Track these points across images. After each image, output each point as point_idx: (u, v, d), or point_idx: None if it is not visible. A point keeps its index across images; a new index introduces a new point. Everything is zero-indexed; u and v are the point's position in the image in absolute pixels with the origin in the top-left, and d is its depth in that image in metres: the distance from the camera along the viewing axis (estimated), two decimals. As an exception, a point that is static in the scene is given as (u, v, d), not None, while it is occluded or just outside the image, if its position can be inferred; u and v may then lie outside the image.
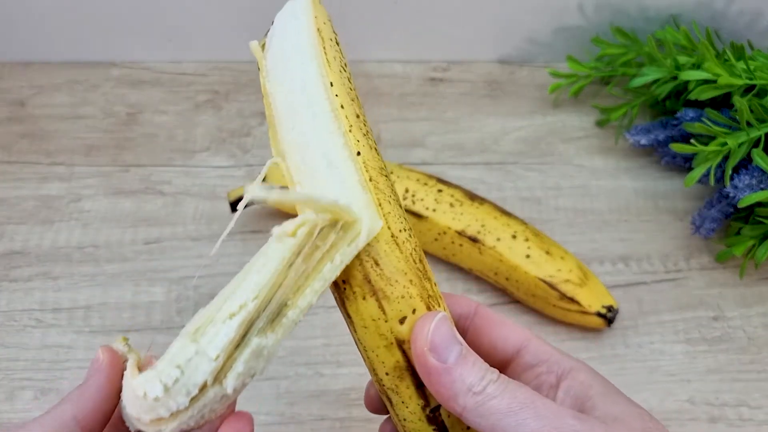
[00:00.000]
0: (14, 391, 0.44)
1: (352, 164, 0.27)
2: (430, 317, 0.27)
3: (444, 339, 0.26)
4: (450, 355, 0.26)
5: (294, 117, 0.28)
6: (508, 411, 0.25)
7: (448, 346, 0.26)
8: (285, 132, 0.28)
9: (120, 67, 0.62)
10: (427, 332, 0.26)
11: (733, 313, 0.49)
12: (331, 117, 0.28)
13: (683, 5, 0.58)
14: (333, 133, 0.27)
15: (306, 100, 0.28)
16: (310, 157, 0.27)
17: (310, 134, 0.27)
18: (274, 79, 0.29)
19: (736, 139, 0.46)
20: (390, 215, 0.28)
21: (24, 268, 0.50)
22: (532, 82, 0.62)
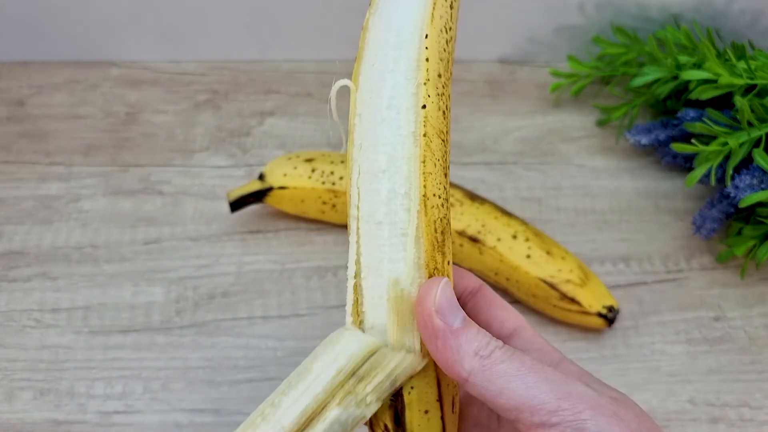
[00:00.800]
0: (13, 391, 0.44)
1: (413, 115, 0.27)
2: (437, 281, 0.26)
3: (450, 303, 0.26)
4: (455, 319, 0.26)
5: (378, 54, 0.28)
6: (517, 374, 0.25)
7: (453, 311, 0.26)
8: (366, 65, 0.29)
9: (119, 66, 0.62)
10: (434, 295, 0.26)
11: (734, 313, 0.49)
12: (412, 65, 0.28)
13: (684, 5, 0.58)
14: (407, 80, 0.28)
15: (396, 42, 0.28)
16: (377, 94, 0.28)
17: (387, 74, 0.28)
18: (377, 15, 0.29)
19: (737, 138, 0.46)
20: (430, 176, 0.27)
21: (23, 269, 0.50)
22: (532, 82, 0.62)
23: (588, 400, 0.24)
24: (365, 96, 0.28)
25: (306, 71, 0.63)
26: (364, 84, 0.29)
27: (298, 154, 0.51)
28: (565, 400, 0.24)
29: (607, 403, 0.25)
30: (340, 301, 0.49)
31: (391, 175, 0.27)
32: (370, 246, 0.28)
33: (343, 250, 0.51)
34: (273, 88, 0.61)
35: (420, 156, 0.27)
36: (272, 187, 0.50)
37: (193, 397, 0.44)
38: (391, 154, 0.27)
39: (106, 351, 0.46)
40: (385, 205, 0.27)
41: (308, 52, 0.63)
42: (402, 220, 0.27)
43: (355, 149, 0.28)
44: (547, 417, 0.24)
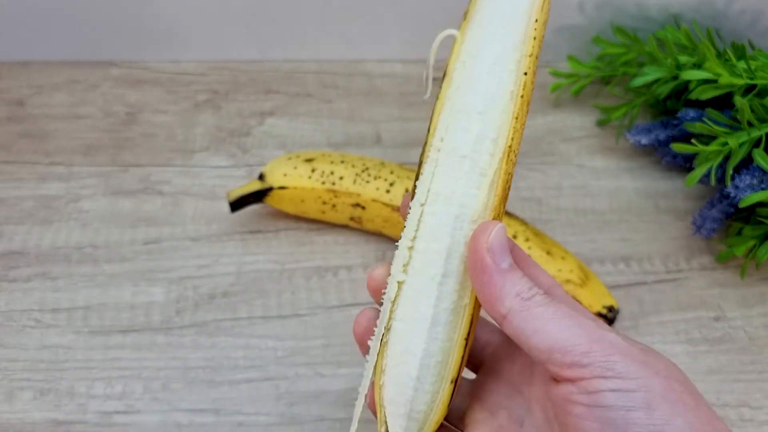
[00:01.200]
0: (13, 391, 0.44)
1: (515, 77, 0.30)
2: (493, 224, 0.28)
3: (501, 246, 0.27)
4: (503, 261, 0.27)
5: (494, 16, 0.30)
6: (552, 317, 0.26)
7: (503, 254, 0.27)
8: (477, 24, 0.31)
9: (119, 66, 0.62)
10: (488, 234, 0.27)
11: (734, 313, 0.49)
12: (521, 38, 0.30)
13: (684, 5, 0.58)
14: (516, 47, 0.30)
15: (510, 11, 0.30)
16: (486, 48, 0.30)
17: (499, 36, 0.30)
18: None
19: (737, 138, 0.46)
20: (517, 132, 0.30)
21: (23, 269, 0.50)
22: (532, 82, 0.62)
23: (619, 346, 0.25)
24: (473, 48, 0.30)
25: (306, 71, 0.63)
26: (473, 38, 0.30)
27: (298, 154, 0.51)
28: (597, 343, 0.25)
29: (638, 352, 0.26)
30: (340, 300, 0.49)
31: (485, 119, 0.29)
32: (446, 177, 0.29)
33: (343, 250, 0.51)
34: (273, 88, 0.61)
35: (514, 112, 0.29)
36: (272, 187, 0.50)
37: (193, 397, 0.44)
38: (489, 101, 0.29)
39: (106, 351, 0.46)
40: (472, 144, 0.29)
41: (308, 52, 0.63)
42: (484, 162, 0.29)
43: (452, 89, 0.30)
44: (579, 357, 0.25)
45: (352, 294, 0.49)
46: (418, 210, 0.29)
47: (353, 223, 0.51)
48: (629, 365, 0.25)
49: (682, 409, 0.24)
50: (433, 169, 0.30)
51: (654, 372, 0.25)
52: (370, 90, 0.61)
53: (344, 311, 0.48)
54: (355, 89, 0.61)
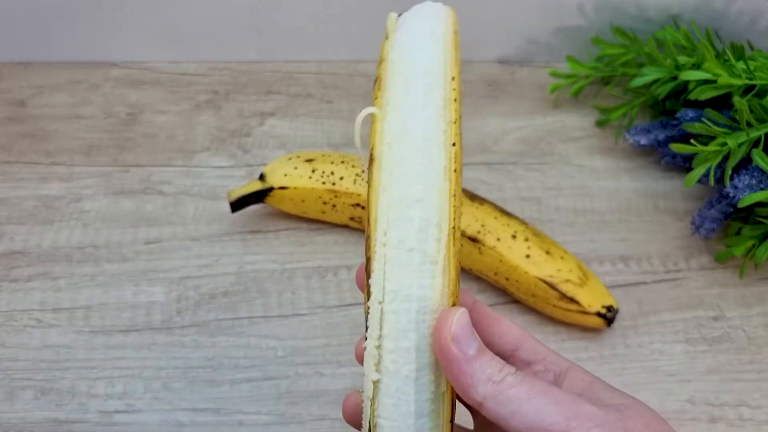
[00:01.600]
0: (14, 391, 0.44)
1: (445, 151, 0.29)
2: (453, 311, 0.28)
3: (465, 332, 0.27)
4: (470, 347, 0.27)
5: (410, 88, 0.30)
6: (527, 398, 0.26)
7: (468, 340, 0.27)
8: (395, 97, 0.30)
9: (120, 67, 0.62)
10: (450, 324, 0.27)
11: (733, 313, 0.49)
12: (443, 104, 0.30)
13: (683, 5, 0.58)
14: (440, 118, 0.29)
15: (426, 80, 0.30)
16: (410, 123, 0.29)
17: (420, 109, 0.29)
18: (399, 49, 0.31)
19: (736, 139, 0.46)
20: (457, 210, 0.29)
21: (24, 268, 0.50)
22: (532, 82, 0.62)
23: (596, 419, 0.25)
24: (395, 127, 0.30)
25: (306, 72, 0.63)
26: (394, 115, 0.30)
27: (299, 155, 0.51)
28: (573, 419, 0.25)
29: (615, 419, 0.26)
30: (341, 300, 0.49)
31: (425, 205, 0.28)
32: (398, 273, 0.29)
33: (343, 250, 0.51)
34: (273, 89, 0.62)
35: (451, 190, 0.29)
36: (273, 187, 0.50)
37: (193, 397, 0.44)
38: (425, 186, 0.29)
39: (107, 350, 0.46)
40: (417, 233, 0.28)
41: (309, 53, 0.63)
42: (432, 249, 0.28)
43: (384, 176, 0.29)
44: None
45: (353, 294, 0.49)
46: (377, 309, 0.29)
47: (353, 223, 0.51)
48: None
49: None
50: (383, 265, 0.29)
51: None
52: (370, 90, 0.61)
53: (344, 311, 0.48)
54: (356, 90, 0.61)
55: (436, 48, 0.31)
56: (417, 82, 0.30)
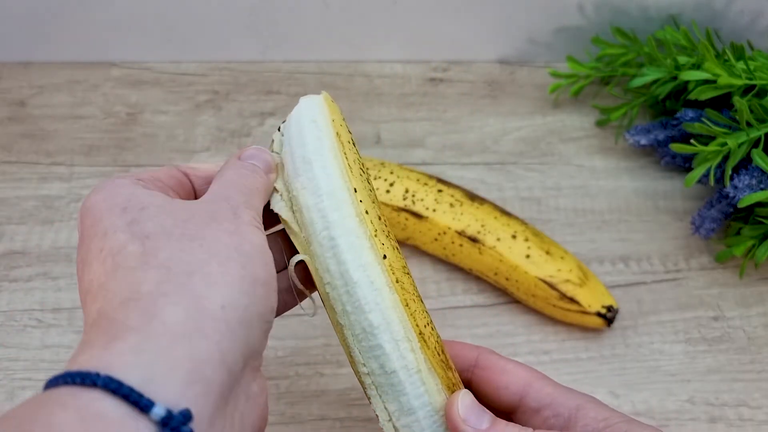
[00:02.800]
0: (14, 390, 0.44)
1: (379, 267, 0.30)
2: (456, 396, 0.30)
3: (473, 410, 0.30)
4: (482, 422, 0.29)
5: (321, 221, 0.30)
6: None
7: (478, 415, 0.30)
8: (315, 235, 0.30)
9: (120, 67, 0.62)
10: (456, 408, 0.29)
11: (732, 313, 0.49)
12: (357, 222, 0.30)
13: (683, 5, 0.58)
14: (360, 238, 0.30)
15: (333, 205, 0.30)
16: (338, 260, 0.30)
17: (339, 239, 0.30)
18: (303, 188, 0.31)
19: (736, 139, 0.46)
20: (416, 313, 0.31)
21: (24, 268, 0.50)
22: (532, 82, 0.62)
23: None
24: (326, 264, 0.30)
25: (306, 72, 0.63)
26: (320, 252, 0.31)
27: (299, 155, 0.51)
28: None
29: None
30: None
31: (385, 327, 0.30)
32: (391, 393, 0.30)
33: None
34: (273, 89, 0.62)
35: (402, 300, 0.30)
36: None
37: (193, 397, 0.44)
38: (379, 311, 0.30)
39: (107, 350, 0.46)
40: (392, 355, 0.30)
41: (308, 53, 0.63)
42: (412, 361, 0.30)
43: (338, 315, 0.31)
44: None
45: (352, 294, 0.49)
46: (390, 427, 0.31)
47: (353, 223, 0.51)
48: None
49: None
50: (377, 392, 0.31)
51: None
52: (370, 90, 0.61)
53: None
54: (355, 90, 0.61)
55: (327, 165, 0.31)
56: (327, 210, 0.30)
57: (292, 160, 0.32)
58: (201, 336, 0.23)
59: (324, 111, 0.33)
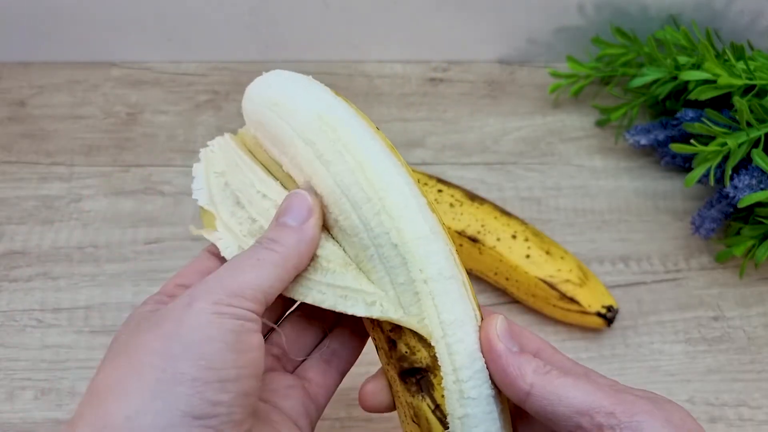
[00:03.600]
0: (14, 391, 0.44)
1: (417, 190, 0.32)
2: (494, 318, 0.30)
3: (509, 333, 0.30)
4: (514, 346, 0.29)
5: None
6: (574, 384, 0.28)
7: (511, 339, 0.30)
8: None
9: (120, 67, 0.62)
10: (495, 325, 0.30)
11: (732, 313, 0.49)
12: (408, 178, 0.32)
13: (683, 5, 0.58)
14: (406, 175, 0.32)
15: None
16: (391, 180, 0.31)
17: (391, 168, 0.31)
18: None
19: (736, 139, 0.46)
20: (450, 236, 0.32)
21: (24, 268, 0.50)
22: (532, 82, 0.62)
23: (642, 406, 0.27)
24: (359, 185, 0.31)
25: (306, 71, 0.63)
26: (346, 179, 0.31)
27: (299, 155, 0.51)
28: (620, 405, 0.27)
29: (656, 409, 0.27)
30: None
31: (437, 236, 0.31)
32: (446, 301, 0.30)
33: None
34: (273, 89, 0.61)
35: (439, 220, 0.31)
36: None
37: (193, 397, 0.44)
38: (429, 224, 0.31)
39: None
40: (446, 261, 0.31)
41: (308, 53, 0.63)
42: (460, 272, 0.31)
43: (374, 234, 0.31)
44: (605, 419, 0.26)
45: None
46: (443, 345, 0.30)
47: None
48: (654, 424, 0.26)
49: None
50: (433, 300, 0.30)
51: (675, 429, 0.26)
52: (370, 90, 0.61)
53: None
54: (355, 90, 0.61)
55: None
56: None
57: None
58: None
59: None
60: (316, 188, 0.31)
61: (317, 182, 0.31)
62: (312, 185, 0.31)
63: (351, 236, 0.30)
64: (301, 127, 0.31)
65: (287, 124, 0.32)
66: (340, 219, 0.31)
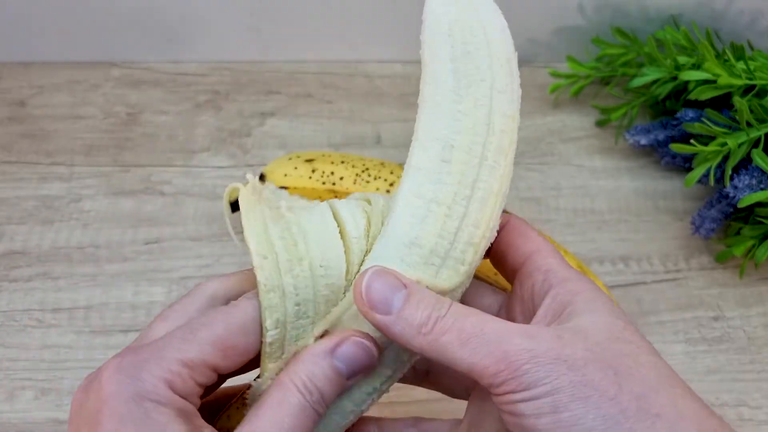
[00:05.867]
0: (14, 391, 0.44)
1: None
2: (362, 276, 0.27)
3: (381, 292, 0.27)
4: (393, 304, 0.27)
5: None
6: (459, 343, 0.26)
7: (388, 298, 0.27)
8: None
9: (120, 67, 0.62)
10: (361, 295, 0.27)
11: (732, 313, 0.49)
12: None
13: (683, 5, 0.58)
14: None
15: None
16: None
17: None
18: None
19: (736, 139, 0.46)
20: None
21: (24, 268, 0.50)
22: (532, 82, 0.62)
23: (523, 355, 0.25)
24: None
25: (306, 72, 0.63)
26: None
27: (299, 155, 0.51)
28: (502, 361, 0.25)
29: (548, 350, 0.25)
30: (341, 300, 0.49)
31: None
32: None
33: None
34: (274, 89, 0.62)
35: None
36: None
37: (193, 397, 0.44)
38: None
39: (108, 351, 0.46)
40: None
41: (309, 53, 0.63)
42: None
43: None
44: (491, 379, 0.25)
45: (353, 294, 0.49)
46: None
47: (353, 223, 0.51)
48: (537, 373, 0.25)
49: (596, 402, 0.24)
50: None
51: (566, 368, 0.25)
52: (370, 90, 0.61)
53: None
54: (356, 90, 0.61)
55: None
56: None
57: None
58: None
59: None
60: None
61: None
62: None
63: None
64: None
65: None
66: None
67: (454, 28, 0.30)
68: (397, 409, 0.44)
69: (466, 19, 0.30)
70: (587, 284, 0.28)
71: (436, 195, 0.28)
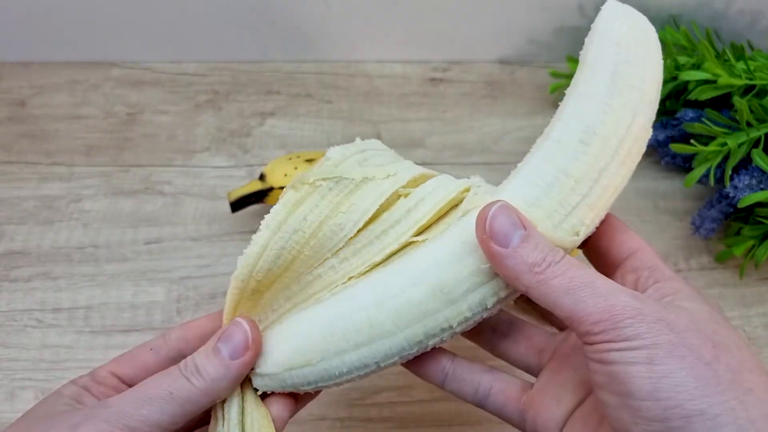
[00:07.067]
0: (14, 391, 0.44)
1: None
2: (489, 206, 0.29)
3: (503, 226, 0.28)
4: (512, 239, 0.28)
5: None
6: (567, 289, 0.27)
7: (508, 233, 0.28)
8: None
9: (120, 67, 0.62)
10: (484, 222, 0.28)
11: (733, 313, 0.49)
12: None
13: (683, 5, 0.58)
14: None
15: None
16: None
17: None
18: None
19: (736, 139, 0.46)
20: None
21: (24, 269, 0.50)
22: (532, 82, 0.62)
23: (629, 311, 0.26)
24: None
25: (306, 72, 0.63)
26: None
27: (299, 155, 0.51)
28: (607, 311, 0.26)
29: (652, 312, 0.26)
30: (341, 300, 0.49)
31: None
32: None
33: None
34: (273, 89, 0.62)
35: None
36: (273, 187, 0.50)
37: (193, 397, 0.44)
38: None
39: (108, 351, 0.46)
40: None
41: (309, 53, 0.63)
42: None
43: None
44: (591, 327, 0.26)
45: (353, 294, 0.49)
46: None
47: (353, 223, 0.51)
48: (639, 327, 0.26)
49: (692, 362, 0.25)
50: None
51: (668, 330, 0.26)
52: (370, 90, 0.61)
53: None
54: (356, 90, 0.61)
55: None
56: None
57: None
58: None
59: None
60: None
61: None
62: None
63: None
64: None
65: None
66: None
67: (623, 40, 0.33)
68: (398, 409, 0.44)
69: (634, 36, 0.33)
70: (688, 285, 0.30)
71: (567, 168, 0.30)
